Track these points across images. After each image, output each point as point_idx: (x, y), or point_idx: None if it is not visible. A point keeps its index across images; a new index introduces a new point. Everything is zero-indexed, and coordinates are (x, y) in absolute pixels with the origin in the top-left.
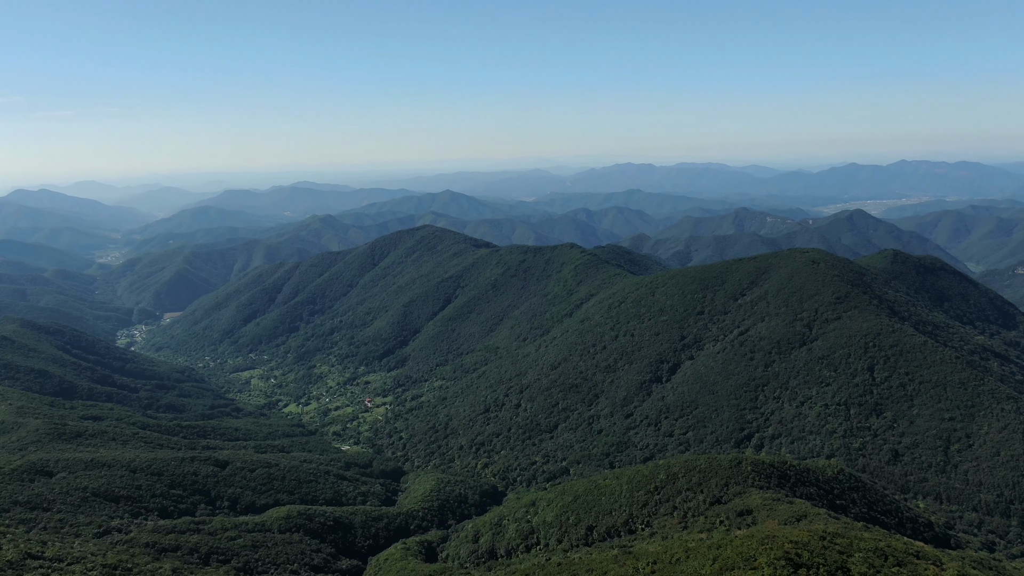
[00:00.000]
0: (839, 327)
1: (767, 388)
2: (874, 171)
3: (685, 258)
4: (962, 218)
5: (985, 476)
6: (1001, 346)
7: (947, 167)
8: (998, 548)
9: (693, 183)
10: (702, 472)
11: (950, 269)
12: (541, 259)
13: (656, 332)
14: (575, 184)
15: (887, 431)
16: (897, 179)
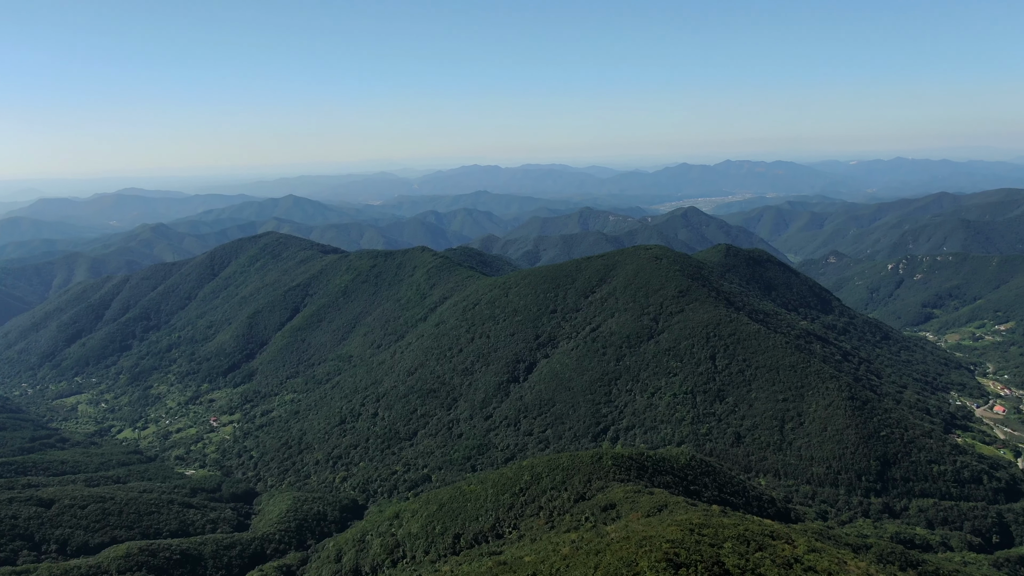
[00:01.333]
0: (682, 319)
1: (620, 382)
2: (703, 171)
3: (534, 258)
4: (781, 213)
5: (816, 451)
6: (821, 329)
7: (766, 166)
8: (830, 517)
9: (538, 184)
10: (565, 470)
11: (775, 261)
12: (392, 263)
13: (511, 332)
14: (422, 186)
15: (730, 415)
16: (723, 178)
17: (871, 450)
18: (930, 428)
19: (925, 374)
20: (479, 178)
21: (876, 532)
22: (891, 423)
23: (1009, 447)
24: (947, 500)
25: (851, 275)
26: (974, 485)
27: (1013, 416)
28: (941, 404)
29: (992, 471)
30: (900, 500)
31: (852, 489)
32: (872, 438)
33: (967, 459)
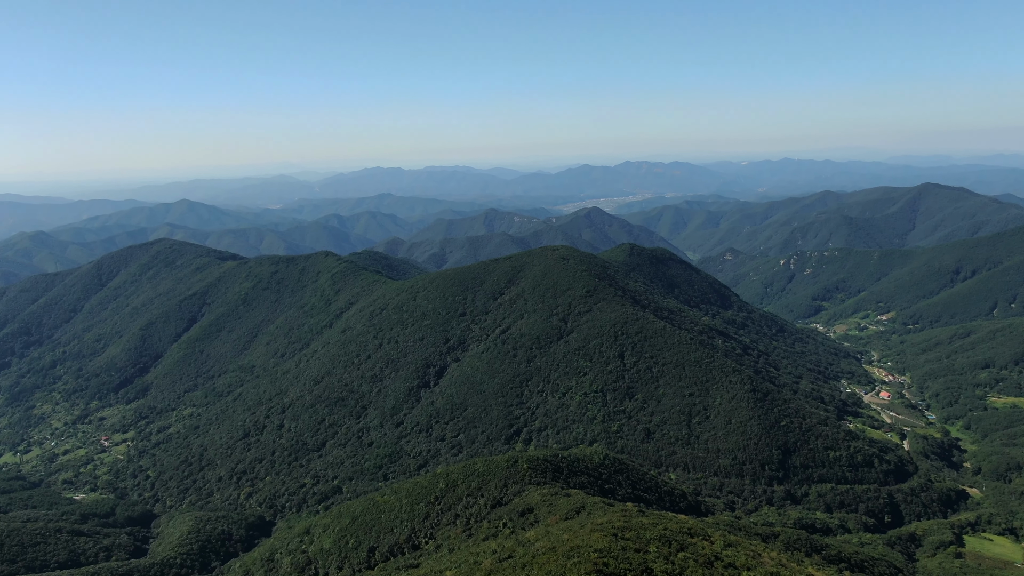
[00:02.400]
0: (591, 319)
1: (531, 383)
2: (604, 171)
3: (441, 260)
4: (679, 212)
5: (721, 443)
6: (722, 324)
7: (664, 167)
8: (737, 506)
9: (442, 186)
10: (481, 476)
11: (677, 259)
12: (295, 269)
13: (420, 337)
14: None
15: (639, 412)
16: (624, 178)
17: (773, 440)
18: (825, 416)
19: (818, 364)
20: (382, 180)
21: (780, 519)
22: (790, 413)
23: (895, 430)
24: (843, 484)
25: (747, 271)
26: (867, 468)
27: (897, 401)
28: (833, 392)
29: (882, 454)
30: (801, 486)
31: (756, 478)
32: (773, 428)
33: (860, 444)
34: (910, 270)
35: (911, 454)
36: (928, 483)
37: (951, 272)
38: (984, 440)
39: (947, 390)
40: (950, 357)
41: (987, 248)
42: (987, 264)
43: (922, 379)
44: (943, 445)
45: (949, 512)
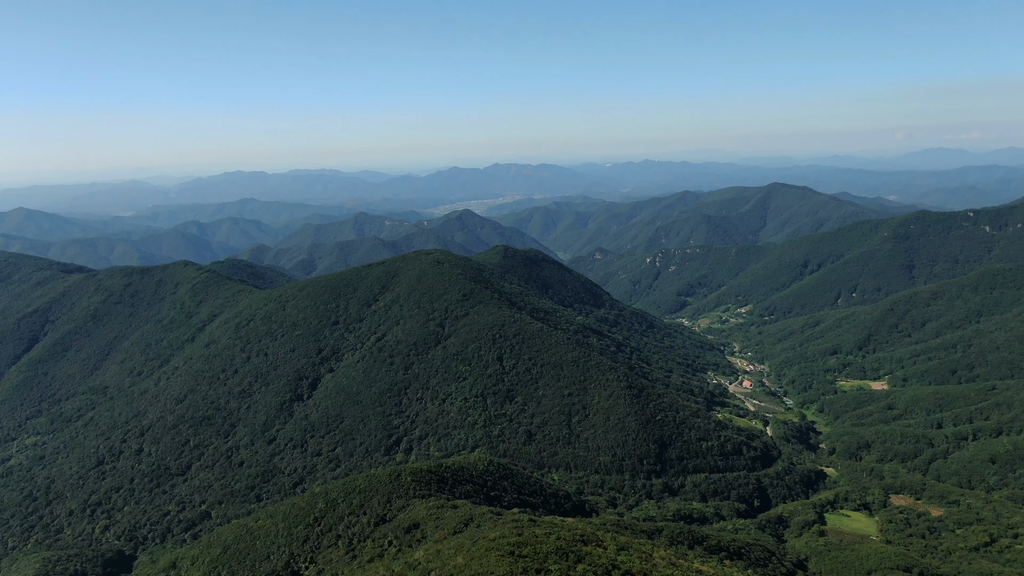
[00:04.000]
0: (468, 323)
1: (410, 390)
2: (473, 174)
3: (310, 267)
4: (549, 213)
5: (601, 440)
6: (596, 323)
7: (532, 169)
8: (619, 502)
9: (309, 190)
10: (362, 492)
11: (550, 260)
12: (151, 281)
13: (291, 348)
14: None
15: (520, 414)
16: (493, 180)
17: (650, 434)
18: (697, 408)
19: (686, 357)
20: (244, 185)
21: (661, 512)
22: (665, 407)
23: (759, 417)
24: (716, 473)
25: (616, 269)
26: (736, 456)
27: (759, 389)
28: (702, 384)
29: (749, 442)
30: (677, 478)
31: (636, 473)
32: (650, 423)
33: (729, 433)
34: (764, 265)
35: (774, 439)
36: (791, 466)
37: (800, 266)
38: (836, 422)
39: (801, 376)
40: (803, 345)
41: (830, 243)
42: (831, 257)
43: (779, 367)
44: (801, 429)
45: (810, 492)
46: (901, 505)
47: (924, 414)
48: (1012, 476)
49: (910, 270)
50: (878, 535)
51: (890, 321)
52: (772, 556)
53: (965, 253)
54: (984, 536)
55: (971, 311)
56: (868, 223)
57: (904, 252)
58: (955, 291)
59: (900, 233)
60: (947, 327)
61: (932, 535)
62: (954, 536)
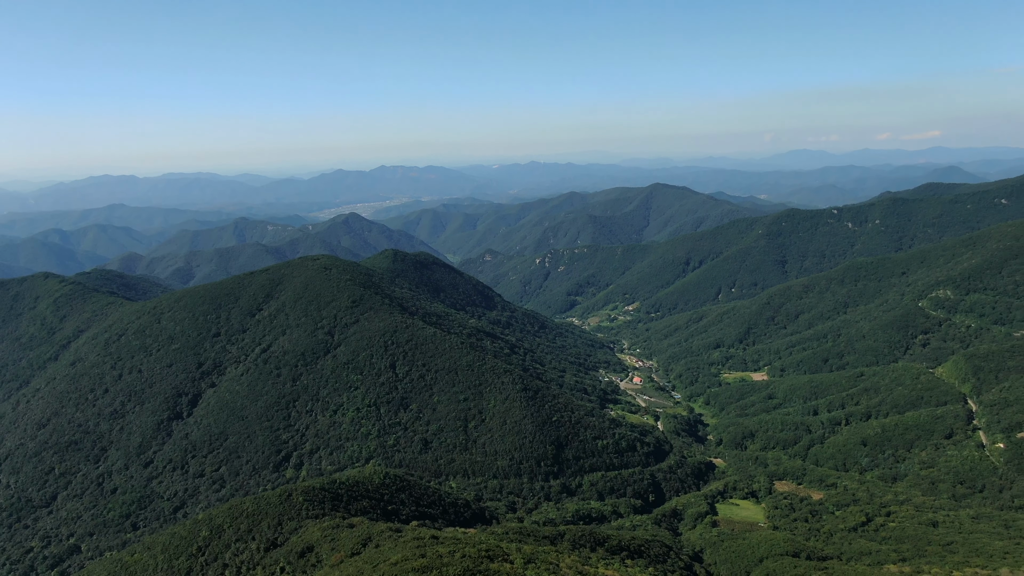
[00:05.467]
0: (359, 330)
1: (299, 403)
2: (359, 176)
3: (187, 275)
4: (437, 216)
5: (498, 444)
6: (489, 325)
7: (419, 171)
8: (519, 506)
9: (184, 194)
10: (250, 516)
11: (440, 262)
12: (6, 295)
13: (168, 363)
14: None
15: (415, 422)
16: (379, 183)
17: (546, 436)
18: (591, 407)
19: (578, 356)
20: (113, 190)
21: (560, 514)
22: (560, 408)
23: (650, 413)
24: (612, 471)
25: (506, 271)
26: (631, 453)
27: (649, 384)
28: (595, 383)
29: (642, 437)
30: (575, 478)
31: (534, 476)
32: (546, 424)
33: (623, 431)
34: (649, 263)
35: (666, 434)
36: (682, 459)
37: (682, 263)
38: (722, 413)
39: (688, 370)
40: (688, 340)
41: (710, 241)
42: (711, 255)
43: (667, 362)
44: (690, 422)
45: (701, 484)
46: (785, 491)
47: (801, 402)
48: (881, 457)
49: (783, 265)
50: (766, 522)
51: (767, 314)
52: (670, 551)
53: (831, 248)
54: (861, 516)
55: (839, 303)
56: (743, 221)
57: (777, 248)
58: (824, 284)
59: (773, 230)
60: (818, 318)
61: (814, 518)
62: (834, 518)
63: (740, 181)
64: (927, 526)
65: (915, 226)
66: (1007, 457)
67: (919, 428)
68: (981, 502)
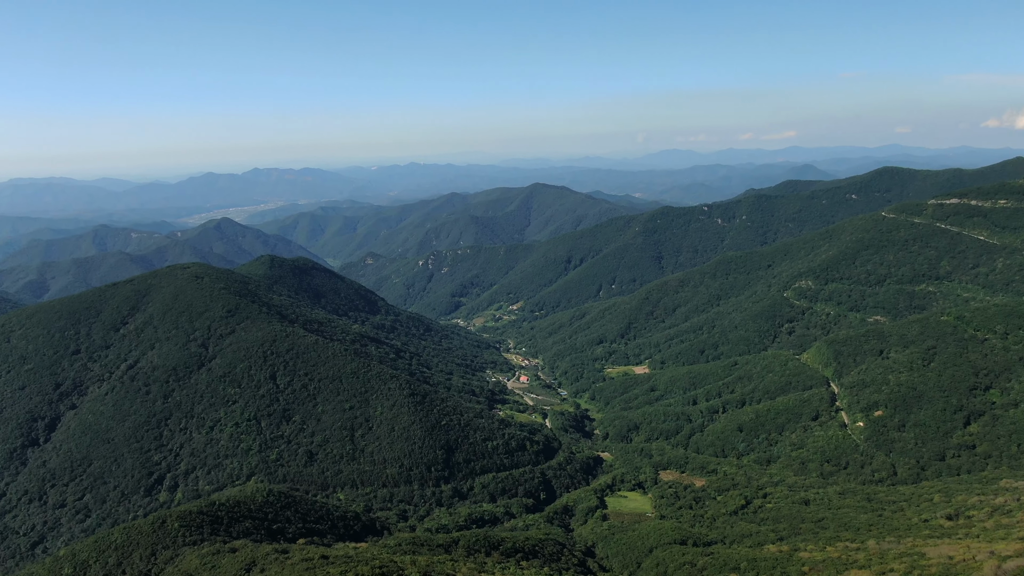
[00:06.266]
0: (235, 341)
1: (171, 421)
2: (231, 179)
3: (41, 289)
4: (315, 219)
5: (387, 452)
6: (373, 330)
7: (295, 174)
8: (410, 515)
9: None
10: (120, 548)
11: (320, 267)
12: None
13: (20, 386)
14: None
15: (299, 434)
16: (253, 186)
17: (436, 440)
18: (480, 408)
19: (465, 358)
20: None
21: (453, 519)
22: (449, 411)
23: (538, 411)
24: (503, 471)
25: (389, 274)
26: (521, 452)
27: (535, 383)
28: (482, 384)
29: (531, 436)
30: (466, 481)
31: (424, 482)
32: (435, 428)
33: (512, 430)
34: (532, 262)
35: (554, 431)
36: (571, 455)
37: (564, 262)
38: (607, 407)
39: (573, 367)
40: (572, 337)
41: (589, 239)
42: (591, 253)
43: (552, 360)
44: (577, 418)
45: (591, 478)
46: (670, 480)
47: (681, 392)
48: (756, 441)
49: (659, 261)
50: (653, 511)
51: (646, 309)
52: (563, 548)
53: (703, 243)
54: (740, 500)
55: (712, 296)
56: (621, 219)
57: (653, 245)
58: (698, 278)
59: (649, 227)
60: (694, 311)
61: (698, 505)
62: (716, 503)
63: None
64: (800, 505)
65: (778, 221)
66: (866, 435)
67: (789, 412)
68: (846, 478)
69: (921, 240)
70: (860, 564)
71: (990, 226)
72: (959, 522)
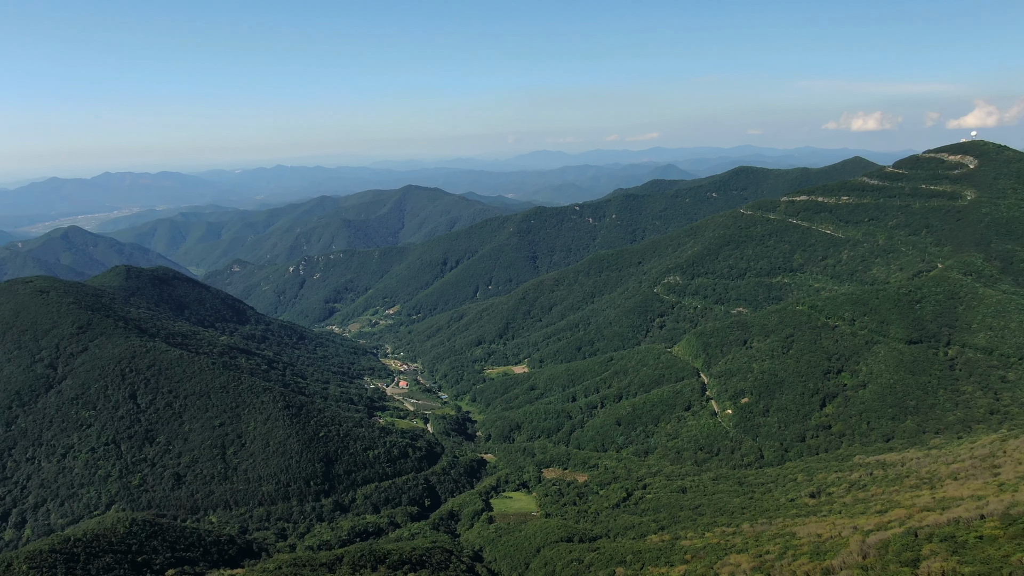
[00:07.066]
0: (89, 359)
1: (16, 450)
2: (79, 185)
3: None
4: (176, 225)
5: (262, 469)
6: (242, 341)
7: (151, 178)
8: (290, 533)
9: None
10: None
11: (182, 277)
12: None
13: None
14: None
15: (164, 456)
16: (104, 192)
17: (314, 453)
18: (359, 417)
19: (341, 366)
20: None
21: (335, 534)
22: (327, 422)
23: (419, 416)
24: (385, 480)
25: (257, 281)
26: (403, 460)
27: (415, 387)
28: (360, 392)
29: (414, 442)
30: (347, 493)
31: (304, 497)
32: (313, 441)
33: (394, 438)
34: (407, 265)
35: (436, 435)
36: (455, 459)
37: (440, 264)
38: (488, 408)
39: (453, 370)
40: (451, 339)
41: (465, 240)
42: (467, 254)
43: (431, 363)
44: (459, 421)
45: (475, 481)
46: (553, 477)
47: (561, 390)
48: (634, 434)
49: (534, 260)
50: (538, 510)
51: (523, 309)
52: (451, 556)
53: (576, 242)
54: (622, 492)
55: (586, 293)
56: (495, 220)
57: (528, 245)
58: (572, 277)
59: (523, 228)
60: (570, 309)
61: (582, 500)
62: (599, 497)
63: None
64: (678, 493)
65: (645, 219)
66: (735, 421)
67: (663, 403)
68: (718, 464)
69: (776, 235)
70: (738, 548)
71: (835, 221)
72: (821, 499)
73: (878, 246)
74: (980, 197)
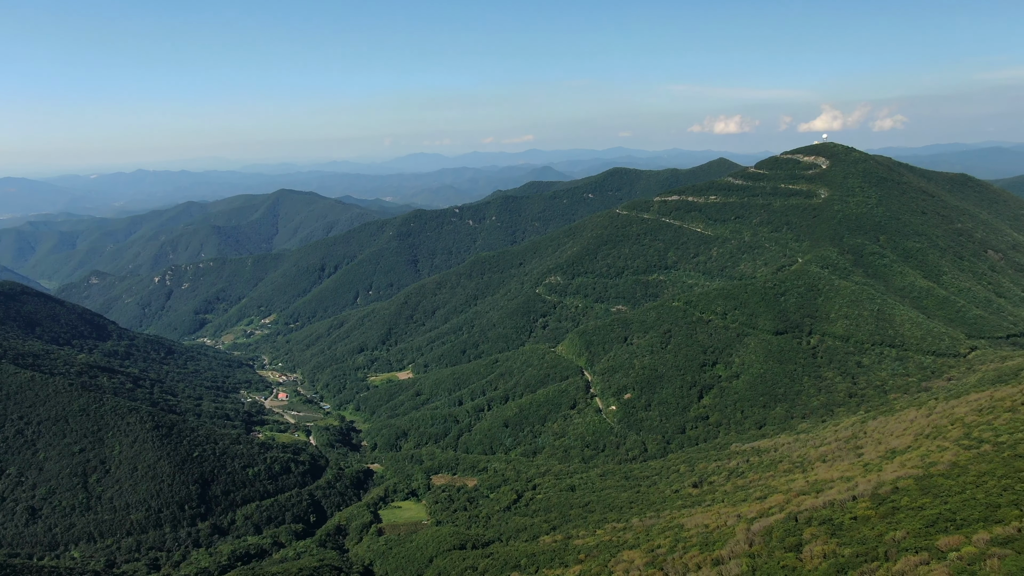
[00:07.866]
0: None
1: None
2: None
3: None
4: (23, 236)
5: (130, 496)
6: (104, 359)
7: None
8: (163, 563)
9: None
10: None
11: (32, 292)
12: None
13: None
14: None
15: (16, 489)
16: None
17: (188, 475)
18: (237, 434)
19: (215, 380)
20: None
21: (214, 559)
22: (201, 440)
23: (301, 428)
24: (267, 499)
25: (119, 293)
26: (286, 476)
27: (296, 399)
28: (237, 406)
29: (296, 457)
30: (226, 515)
31: (178, 523)
32: (187, 462)
33: (275, 453)
34: (283, 272)
35: (320, 448)
36: (340, 472)
37: (317, 270)
38: (373, 417)
39: (335, 379)
40: (331, 347)
41: (343, 245)
42: (345, 259)
43: (312, 373)
44: (343, 431)
45: (362, 493)
46: (443, 484)
47: (447, 394)
48: (522, 435)
49: (415, 264)
50: (429, 518)
51: (406, 313)
52: (340, 573)
53: (457, 245)
54: (512, 495)
55: (469, 296)
56: (374, 224)
57: (408, 248)
58: (454, 280)
59: (403, 231)
60: (453, 312)
61: (472, 505)
62: (489, 501)
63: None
64: (567, 491)
65: (525, 220)
66: (619, 417)
67: (549, 403)
68: (605, 460)
69: (651, 234)
70: (630, 544)
71: (705, 219)
72: (704, 489)
73: (744, 243)
74: (832, 195)
